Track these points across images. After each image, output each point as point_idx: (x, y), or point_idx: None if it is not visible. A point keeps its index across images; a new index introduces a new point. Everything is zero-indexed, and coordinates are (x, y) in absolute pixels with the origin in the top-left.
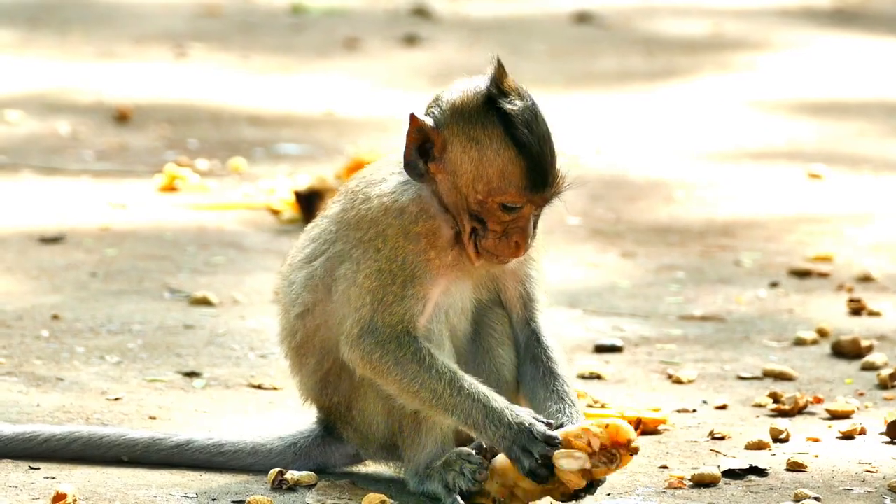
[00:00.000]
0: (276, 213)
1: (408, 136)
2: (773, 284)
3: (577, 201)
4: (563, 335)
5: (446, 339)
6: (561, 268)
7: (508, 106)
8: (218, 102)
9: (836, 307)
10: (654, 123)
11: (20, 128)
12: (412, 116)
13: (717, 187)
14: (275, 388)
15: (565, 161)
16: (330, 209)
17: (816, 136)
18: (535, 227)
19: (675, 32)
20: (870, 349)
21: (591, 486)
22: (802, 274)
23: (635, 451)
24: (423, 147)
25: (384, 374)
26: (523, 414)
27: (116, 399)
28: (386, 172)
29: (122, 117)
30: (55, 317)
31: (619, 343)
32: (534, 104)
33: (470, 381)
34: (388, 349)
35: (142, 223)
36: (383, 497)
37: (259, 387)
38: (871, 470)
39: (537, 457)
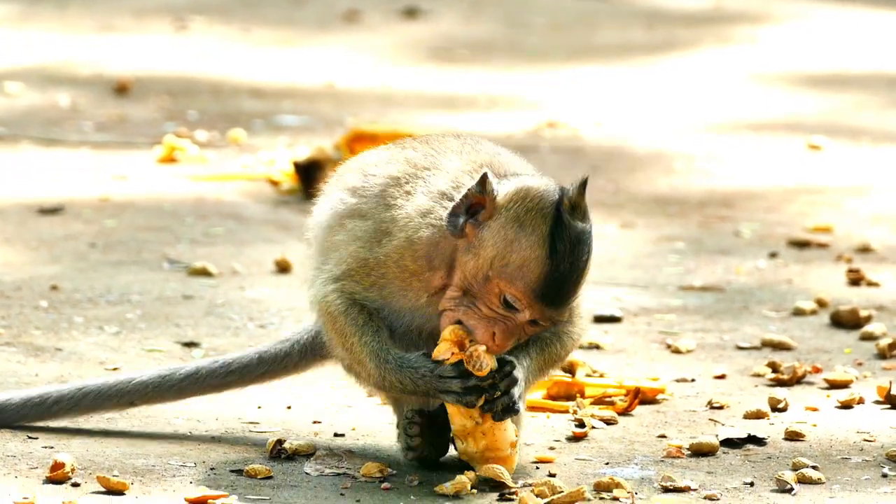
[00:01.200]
0: (275, 184)
1: (469, 191)
2: (773, 255)
3: (578, 172)
4: None
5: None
6: None
7: (567, 217)
8: (218, 75)
9: (835, 277)
10: (654, 96)
11: (20, 100)
12: (484, 175)
13: (717, 159)
14: None
15: (580, 296)
16: (389, 166)
17: (816, 108)
18: (518, 337)
19: (676, 5)
20: (868, 319)
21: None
22: (802, 244)
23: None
24: (472, 207)
25: (323, 321)
26: (423, 364)
27: (115, 369)
28: (442, 187)
29: (121, 89)
30: (54, 287)
31: (618, 313)
32: (589, 233)
33: (386, 349)
34: (335, 304)
35: (141, 194)
36: (381, 466)
37: None
38: (870, 439)
39: (459, 390)
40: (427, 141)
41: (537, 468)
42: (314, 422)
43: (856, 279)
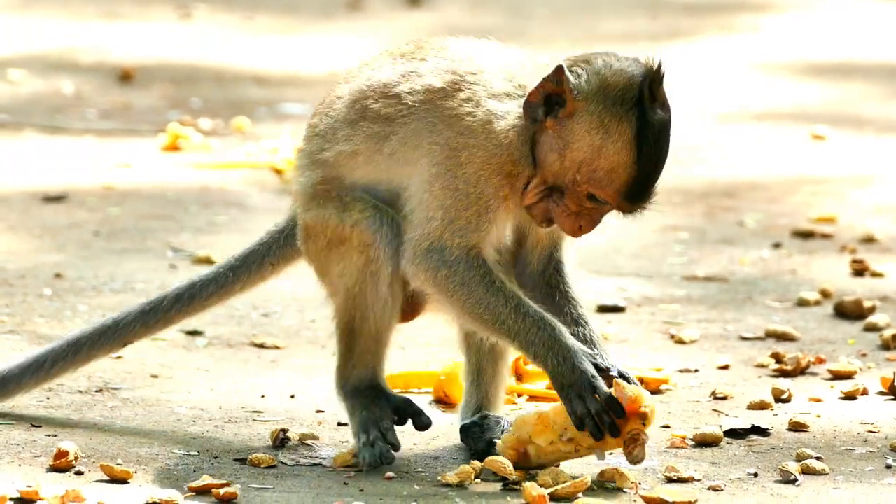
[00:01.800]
0: (279, 172)
1: (545, 81)
2: (776, 245)
3: None
4: None
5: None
6: None
7: (651, 113)
8: (221, 62)
9: (838, 268)
10: None
11: (24, 87)
12: (559, 68)
13: (721, 148)
14: (277, 347)
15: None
16: (422, 79)
17: (820, 98)
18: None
19: None
20: (872, 310)
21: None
22: (805, 235)
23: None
24: (550, 97)
25: (449, 293)
26: (586, 361)
27: (118, 357)
28: (502, 87)
29: (125, 77)
30: (58, 275)
31: (622, 303)
32: (669, 121)
33: (535, 310)
34: (455, 270)
35: (145, 182)
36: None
37: (261, 346)
38: (874, 430)
39: (593, 412)
40: (439, 50)
41: None
42: (317, 411)
43: (860, 270)
